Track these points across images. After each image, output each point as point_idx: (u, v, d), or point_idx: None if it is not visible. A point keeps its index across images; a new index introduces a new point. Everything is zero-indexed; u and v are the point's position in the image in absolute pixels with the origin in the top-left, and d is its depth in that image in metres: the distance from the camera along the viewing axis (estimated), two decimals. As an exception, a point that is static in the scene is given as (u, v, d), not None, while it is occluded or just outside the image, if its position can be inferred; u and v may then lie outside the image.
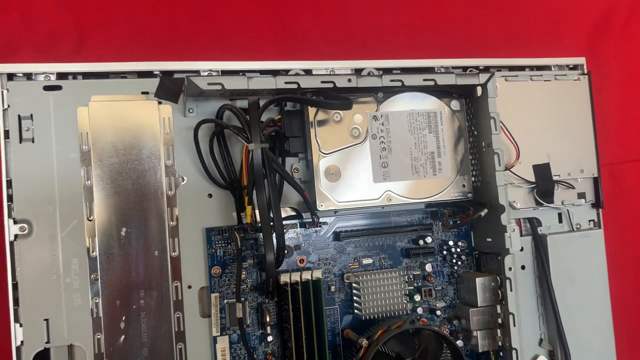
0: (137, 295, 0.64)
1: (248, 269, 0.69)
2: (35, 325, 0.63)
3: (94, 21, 0.71)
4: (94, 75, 0.67)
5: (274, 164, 0.63)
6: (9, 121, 0.64)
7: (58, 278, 0.64)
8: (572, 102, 0.81)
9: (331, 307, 0.72)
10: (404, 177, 0.71)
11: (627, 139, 0.91)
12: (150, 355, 0.64)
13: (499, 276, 0.70)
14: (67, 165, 0.65)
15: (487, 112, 0.69)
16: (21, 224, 0.64)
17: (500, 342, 0.71)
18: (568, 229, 0.81)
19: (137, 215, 0.64)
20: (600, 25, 0.92)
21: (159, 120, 0.66)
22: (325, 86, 0.66)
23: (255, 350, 0.68)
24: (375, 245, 0.74)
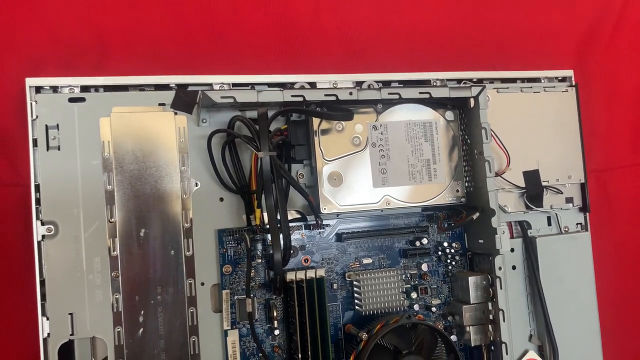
0: (155, 292, 0.68)
1: (257, 267, 0.73)
2: (61, 319, 0.66)
3: (114, 38, 0.75)
4: (114, 88, 0.70)
5: (281, 170, 0.67)
6: (37, 130, 0.67)
7: (82, 275, 0.67)
8: (560, 112, 0.84)
9: (334, 304, 0.75)
10: (401, 183, 0.75)
11: (612, 147, 0.93)
12: (167, 347, 0.67)
13: (490, 275, 0.73)
14: (90, 171, 0.68)
15: (479, 122, 0.73)
16: (48, 225, 0.67)
17: (491, 337, 0.74)
18: (556, 232, 0.84)
19: (154, 217, 0.68)
20: (587, 40, 0.95)
21: (175, 129, 0.70)
22: (329, 99, 0.69)
23: (263, 343, 0.71)
24: (375, 246, 0.77)
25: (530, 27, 0.93)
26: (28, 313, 0.68)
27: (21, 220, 0.69)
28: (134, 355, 0.67)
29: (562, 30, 0.94)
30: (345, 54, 0.84)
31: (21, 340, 0.69)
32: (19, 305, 0.69)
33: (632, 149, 0.95)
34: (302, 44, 0.82)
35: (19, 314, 0.69)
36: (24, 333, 0.69)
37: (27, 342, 0.69)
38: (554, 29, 0.94)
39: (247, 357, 0.71)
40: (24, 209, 0.69)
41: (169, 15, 0.77)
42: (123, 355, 0.67)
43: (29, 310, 0.67)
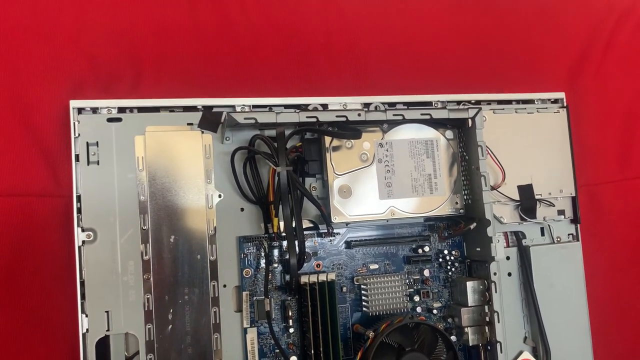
0: (182, 292, 0.72)
1: (274, 271, 0.78)
2: (98, 316, 0.71)
3: (147, 65, 0.81)
4: (147, 109, 0.76)
5: (296, 183, 0.73)
6: (79, 147, 0.73)
7: (117, 277, 0.72)
8: (553, 131, 0.90)
9: (343, 305, 0.79)
10: (405, 195, 0.80)
11: (602, 163, 0.98)
12: (193, 342, 0.72)
13: (487, 280, 0.79)
14: (126, 184, 0.73)
15: (476, 140, 0.78)
16: (87, 232, 0.72)
17: (488, 337, 0.79)
18: (549, 242, 0.89)
19: (182, 225, 0.73)
20: (578, 64, 0.99)
21: (201, 146, 0.75)
22: (339, 119, 0.75)
23: (279, 340, 0.76)
24: (381, 253, 0.83)
25: (524, 52, 0.97)
26: (69, 311, 0.72)
27: (63, 227, 0.75)
28: (163, 350, 0.71)
29: (555, 55, 0.99)
30: (354, 77, 0.89)
31: (63, 336, 0.75)
32: (62, 304, 0.74)
33: (620, 165, 0.99)
34: (315, 69, 0.88)
35: (62, 312, 0.74)
36: (66, 329, 0.74)
37: (68, 338, 0.74)
38: (547, 54, 0.98)
39: (264, 353, 0.76)
40: (66, 217, 0.75)
41: (196, 44, 0.83)
42: (154, 350, 0.71)
43: (70, 309, 0.72)
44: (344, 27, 0.91)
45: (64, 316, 0.75)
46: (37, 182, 0.76)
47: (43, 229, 0.75)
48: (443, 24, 0.95)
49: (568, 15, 1.01)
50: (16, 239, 0.74)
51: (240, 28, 0.85)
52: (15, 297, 0.74)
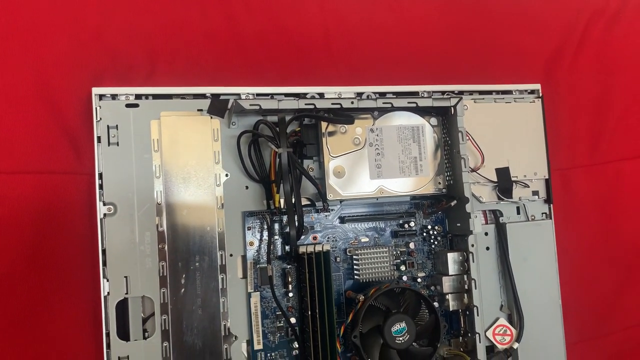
0: (194, 260, 0.79)
1: (275, 243, 0.84)
2: (118, 281, 0.78)
3: (161, 57, 0.87)
4: (161, 96, 0.82)
5: (296, 163, 0.79)
6: (100, 130, 0.79)
7: (135, 246, 0.78)
8: (529, 119, 0.96)
9: (337, 274, 0.86)
10: (393, 176, 0.86)
11: (573, 149, 1.05)
12: (203, 304, 0.79)
13: (466, 252, 0.85)
14: (143, 163, 0.80)
15: (457, 127, 0.84)
16: (108, 206, 0.78)
17: (466, 303, 0.85)
18: (524, 219, 0.96)
19: (194, 201, 0.80)
20: (553, 58, 1.06)
21: (210, 130, 0.82)
22: (334, 106, 0.81)
23: (279, 303, 0.82)
24: (371, 227, 0.89)
25: (503, 47, 1.03)
26: (91, 277, 0.80)
27: (86, 202, 0.82)
28: (176, 311, 0.78)
29: (532, 50, 1.05)
30: (348, 70, 0.95)
31: (86, 299, 0.81)
32: (85, 271, 0.81)
33: (591, 151, 1.06)
34: (313, 62, 0.94)
35: (85, 278, 0.81)
36: (89, 293, 0.81)
37: (90, 301, 0.81)
38: (525, 48, 1.05)
39: (266, 315, 0.83)
40: (88, 193, 0.81)
41: (205, 39, 0.89)
42: (167, 311, 0.78)
43: (92, 275, 0.80)
44: (341, 25, 0.97)
45: (87, 282, 0.81)
46: (62, 161, 0.82)
47: (68, 203, 0.82)
48: (430, 22, 1.02)
49: (545, 13, 1.07)
50: (43, 212, 0.81)
51: (245, 25, 0.92)
52: (42, 265, 0.81)
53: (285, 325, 0.85)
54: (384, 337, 0.80)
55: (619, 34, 1.11)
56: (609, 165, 1.08)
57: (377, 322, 0.82)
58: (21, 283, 0.80)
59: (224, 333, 0.81)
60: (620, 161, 1.08)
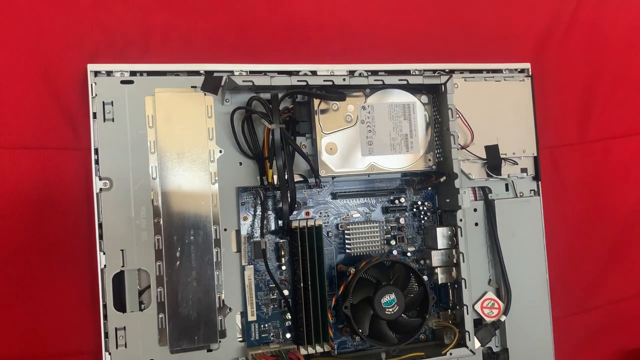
0: (189, 233, 0.81)
1: (268, 218, 0.85)
2: (114, 254, 0.79)
3: (155, 34, 0.88)
4: (155, 73, 0.82)
5: (288, 139, 0.80)
6: (96, 106, 0.80)
7: (130, 220, 0.80)
8: (518, 98, 0.98)
9: (329, 248, 0.88)
10: (384, 152, 0.87)
11: (562, 128, 1.07)
12: (198, 277, 0.81)
13: (454, 227, 0.87)
14: (138, 139, 0.81)
15: (447, 104, 0.86)
16: (104, 181, 0.79)
17: (455, 276, 0.87)
18: (513, 196, 0.98)
19: (188, 176, 0.82)
20: (543, 38, 1.07)
21: (204, 107, 0.83)
22: (327, 83, 0.82)
23: (273, 276, 0.84)
24: (362, 203, 0.91)
25: (494, 26, 1.04)
26: (89, 251, 0.82)
27: (82, 177, 0.83)
28: (172, 283, 0.80)
29: (522, 29, 1.06)
30: (341, 48, 0.96)
31: (84, 272, 0.83)
32: (82, 245, 0.83)
33: (579, 130, 1.08)
34: (306, 40, 0.95)
35: (82, 252, 0.83)
36: (86, 266, 0.83)
37: (88, 274, 0.83)
38: (515, 28, 1.06)
39: (260, 288, 0.85)
40: (85, 168, 0.83)
41: (199, 16, 0.90)
42: (163, 284, 0.80)
43: (89, 248, 0.81)
44: (333, 3, 0.98)
45: (84, 255, 0.83)
46: (58, 137, 0.84)
47: (64, 178, 0.83)
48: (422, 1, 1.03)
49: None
50: (40, 187, 0.83)
51: (238, 2, 0.92)
52: (39, 239, 0.82)
53: (278, 298, 0.87)
54: (374, 308, 0.82)
55: (609, 13, 1.12)
56: (597, 144, 1.10)
57: (368, 294, 0.84)
58: (18, 257, 0.82)
59: (218, 305, 0.83)
60: (608, 140, 1.10)
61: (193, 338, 0.81)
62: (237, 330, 0.85)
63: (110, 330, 0.80)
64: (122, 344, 0.80)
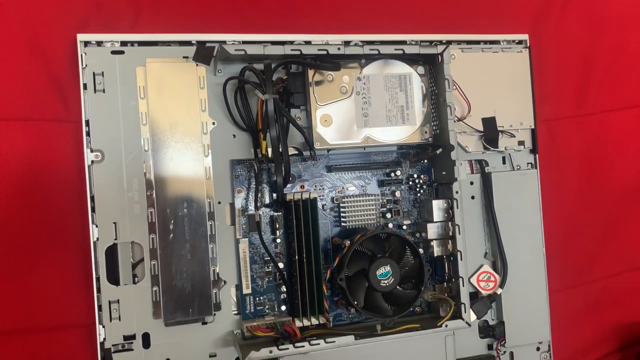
0: (182, 206, 0.80)
1: (262, 191, 0.84)
2: (107, 227, 0.79)
3: (146, 4, 0.86)
4: (147, 43, 0.81)
5: (282, 110, 0.79)
6: (86, 77, 0.79)
7: (123, 193, 0.79)
8: (516, 70, 0.97)
9: (324, 222, 0.87)
10: (380, 125, 0.86)
11: (559, 101, 1.05)
12: (191, 250, 0.80)
13: (450, 199, 0.86)
14: (129, 111, 0.80)
15: (443, 75, 0.84)
16: (96, 153, 0.79)
17: (450, 249, 0.87)
18: (510, 169, 0.97)
19: (181, 148, 0.81)
20: (542, 9, 1.05)
21: (196, 78, 0.82)
22: (321, 53, 0.81)
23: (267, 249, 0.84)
24: (358, 176, 0.90)
25: None
26: (81, 224, 0.81)
27: (73, 149, 0.82)
28: (165, 256, 0.79)
29: (520, 0, 1.05)
30: (335, 19, 0.95)
31: (77, 246, 0.82)
32: (75, 218, 0.82)
33: (576, 103, 1.07)
34: (300, 11, 0.93)
35: (75, 224, 0.82)
36: (79, 239, 0.82)
37: (81, 247, 0.82)
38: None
39: (255, 261, 0.85)
40: (76, 140, 0.81)
41: None
42: (157, 257, 0.79)
43: (82, 222, 0.80)
44: None
45: (77, 228, 0.82)
46: (48, 108, 0.82)
47: (55, 150, 0.82)
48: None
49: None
50: (31, 159, 0.81)
51: None
52: (31, 212, 0.81)
53: (273, 270, 0.86)
54: (369, 280, 0.82)
55: (609, -15, 1.11)
56: (595, 117, 1.09)
57: (363, 266, 0.83)
58: (10, 230, 0.81)
59: (213, 278, 0.83)
60: (606, 113, 1.09)
61: (187, 310, 0.81)
62: (232, 303, 0.85)
63: (104, 303, 0.80)
64: (116, 317, 0.80)
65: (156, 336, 0.81)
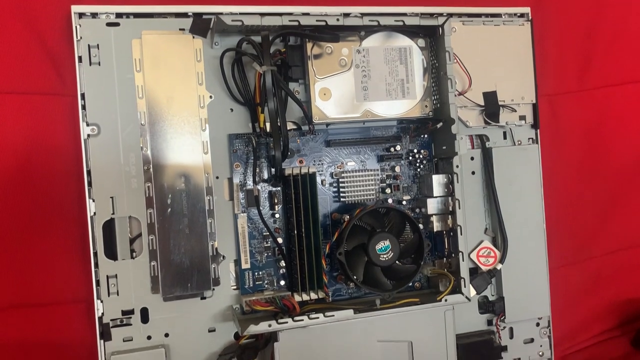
0: (180, 181, 0.79)
1: (261, 166, 0.84)
2: (104, 201, 0.78)
3: None
4: (142, 15, 0.80)
5: (280, 82, 0.78)
6: (81, 49, 0.77)
7: (120, 167, 0.79)
8: (517, 43, 0.95)
9: (323, 197, 0.86)
10: (380, 99, 0.85)
11: (561, 75, 1.04)
12: (190, 224, 0.80)
13: (450, 174, 0.85)
14: (125, 84, 0.79)
15: (444, 47, 0.83)
16: (92, 126, 0.78)
17: (450, 224, 0.87)
18: (511, 144, 0.96)
19: (178, 122, 0.80)
20: None
21: (193, 50, 0.81)
22: (320, 24, 0.79)
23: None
24: (357, 151, 0.89)
25: None
26: (78, 199, 0.81)
27: (69, 123, 0.81)
28: (163, 231, 0.79)
29: None
30: None
31: (74, 220, 0.82)
32: (71, 193, 0.82)
33: (578, 78, 1.06)
34: None
35: (72, 198, 0.82)
36: (76, 214, 0.82)
37: (78, 222, 0.81)
38: None
39: (254, 236, 0.84)
40: (71, 113, 0.80)
41: None
42: (155, 231, 0.79)
43: (78, 196, 0.80)
44: None
45: (74, 202, 0.82)
46: (43, 81, 0.81)
47: (51, 124, 0.81)
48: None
49: None
50: (26, 133, 0.81)
51: None
52: (27, 186, 0.81)
53: (272, 246, 0.86)
54: (368, 254, 0.81)
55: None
56: (597, 92, 1.07)
57: (362, 241, 0.83)
58: (6, 205, 0.81)
59: (211, 253, 0.82)
60: (608, 87, 1.08)
61: (186, 285, 0.81)
62: (231, 278, 0.85)
63: (102, 278, 0.79)
64: (114, 291, 0.80)
65: (155, 311, 0.81)
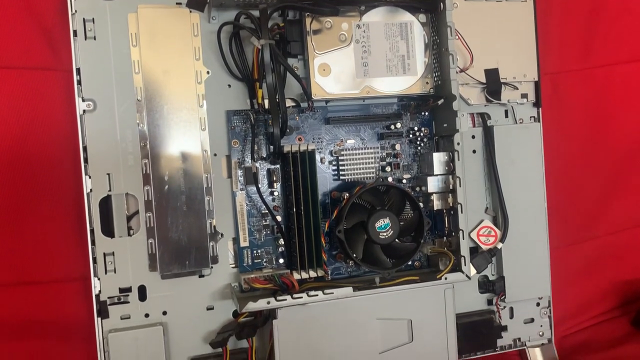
0: (177, 158, 0.79)
1: (259, 144, 0.83)
2: (100, 178, 0.77)
3: None
4: None
5: (279, 57, 0.76)
6: (76, 23, 0.76)
7: (116, 144, 0.78)
8: (520, 20, 0.94)
9: (322, 175, 0.86)
10: (380, 75, 0.84)
11: (564, 53, 1.03)
12: (187, 201, 0.79)
13: (451, 152, 0.84)
14: (121, 59, 0.78)
15: (445, 22, 0.82)
16: (87, 102, 0.77)
17: (451, 203, 0.85)
18: (512, 122, 0.95)
19: (174, 98, 0.79)
20: None
21: (190, 25, 0.80)
22: None
23: None
24: (357, 129, 0.88)
25: None
26: (73, 175, 0.79)
27: (65, 99, 0.80)
28: (161, 208, 0.78)
29: None
30: None
31: (70, 198, 0.81)
32: (67, 168, 0.81)
33: (581, 56, 1.05)
34: None
35: (67, 175, 0.81)
36: (72, 192, 0.81)
37: (75, 200, 0.81)
38: None
39: (252, 214, 0.84)
40: (67, 89, 0.79)
41: None
42: (152, 209, 0.78)
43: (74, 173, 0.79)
44: None
45: (70, 179, 0.81)
46: (38, 56, 0.80)
47: (46, 99, 0.80)
48: None
49: None
50: (22, 108, 0.80)
51: None
52: (22, 163, 0.80)
53: (271, 223, 0.85)
54: (367, 232, 0.81)
55: None
56: (599, 70, 1.06)
57: (362, 219, 0.82)
58: (2, 182, 0.80)
59: (210, 231, 0.81)
60: (611, 66, 1.07)
61: (184, 263, 0.80)
62: (230, 257, 0.84)
63: (99, 255, 0.79)
64: (112, 269, 0.79)
65: (152, 289, 0.81)
